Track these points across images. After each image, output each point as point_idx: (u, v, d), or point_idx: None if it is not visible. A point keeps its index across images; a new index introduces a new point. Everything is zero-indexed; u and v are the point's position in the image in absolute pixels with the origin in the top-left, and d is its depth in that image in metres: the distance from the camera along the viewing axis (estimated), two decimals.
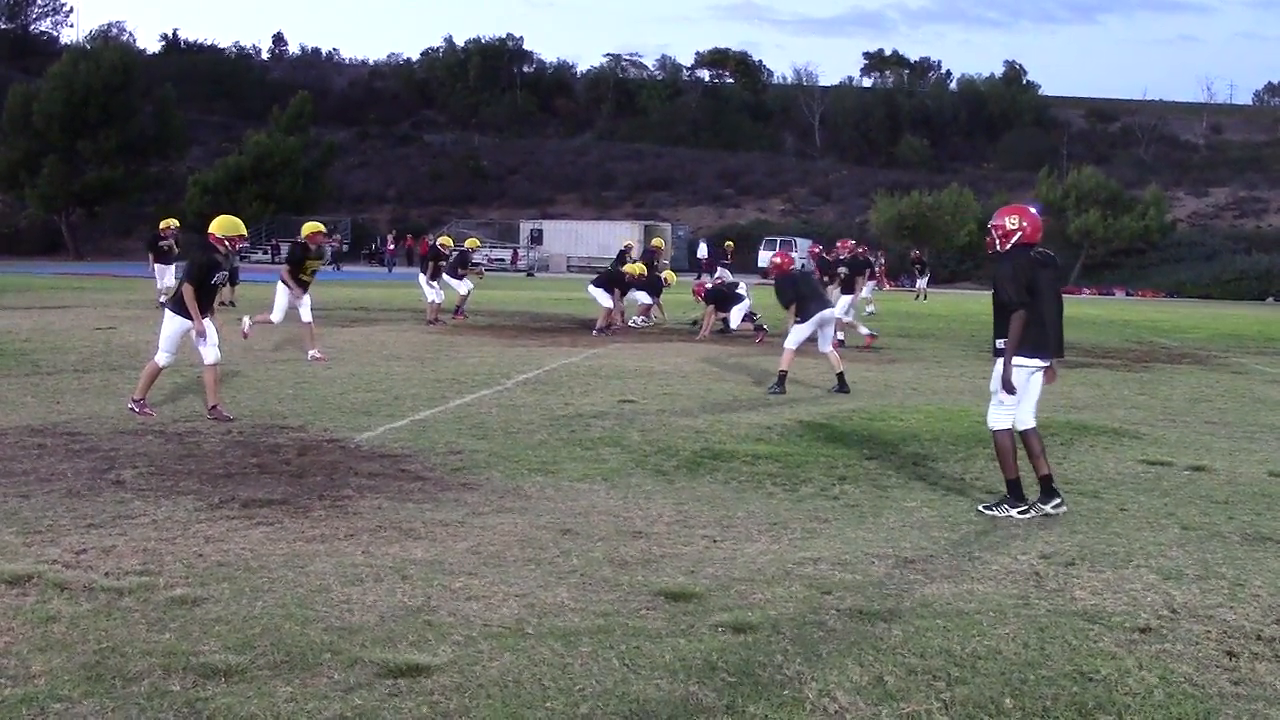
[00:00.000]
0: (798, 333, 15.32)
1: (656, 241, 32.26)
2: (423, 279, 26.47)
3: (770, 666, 5.15)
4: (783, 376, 15.27)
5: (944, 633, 5.65)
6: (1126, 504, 8.90)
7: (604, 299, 24.79)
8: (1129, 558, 7.20)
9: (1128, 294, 69.02)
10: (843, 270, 23.61)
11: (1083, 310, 41.71)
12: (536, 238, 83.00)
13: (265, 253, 75.34)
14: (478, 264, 30.34)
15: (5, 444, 9.90)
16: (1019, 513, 8.40)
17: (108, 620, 5.47)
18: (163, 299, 26.74)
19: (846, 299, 22.63)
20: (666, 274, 28.02)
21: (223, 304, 28.92)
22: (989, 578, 6.66)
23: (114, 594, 5.84)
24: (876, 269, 30.95)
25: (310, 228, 18.30)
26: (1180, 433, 12.70)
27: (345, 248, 75.48)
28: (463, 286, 27.26)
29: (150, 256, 28.45)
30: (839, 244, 25.47)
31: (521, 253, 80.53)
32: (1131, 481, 9.82)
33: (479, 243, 30.18)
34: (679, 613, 5.85)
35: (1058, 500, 8.58)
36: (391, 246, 72.06)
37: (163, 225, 28.83)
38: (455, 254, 27.84)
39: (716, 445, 10.93)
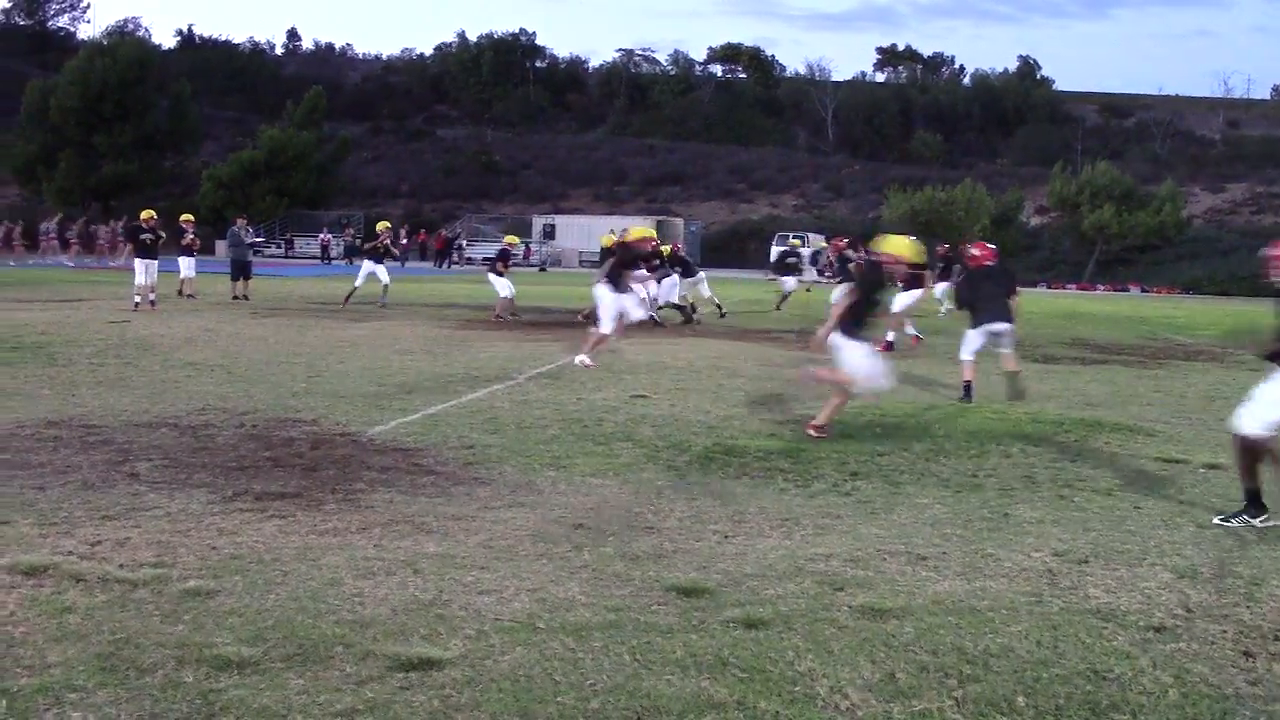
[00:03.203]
0: (970, 341, 14.59)
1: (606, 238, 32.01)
2: (493, 276, 26.72)
3: (782, 663, 5.14)
4: (968, 387, 14.46)
5: (956, 630, 5.64)
6: (1141, 502, 8.88)
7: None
8: (1143, 556, 7.18)
9: (1143, 290, 68.82)
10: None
11: (1097, 307, 41.66)
12: (549, 233, 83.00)
13: (279, 247, 75.48)
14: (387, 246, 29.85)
15: (22, 436, 9.93)
16: (1260, 522, 8.01)
17: (122, 611, 5.48)
18: (138, 299, 25.08)
19: (914, 295, 21.96)
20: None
21: (236, 298, 29.03)
22: (1002, 575, 6.65)
23: (128, 585, 5.86)
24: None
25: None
26: (1195, 430, 12.67)
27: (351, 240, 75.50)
28: (504, 288, 27.04)
29: (129, 248, 26.49)
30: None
31: (534, 248, 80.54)
32: (1146, 479, 9.80)
33: (389, 225, 29.77)
34: (690, 608, 5.85)
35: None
36: (405, 241, 72.03)
37: (144, 215, 27.05)
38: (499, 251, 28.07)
39: (729, 441, 10.92)
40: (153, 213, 27.58)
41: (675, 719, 4.56)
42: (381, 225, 29.99)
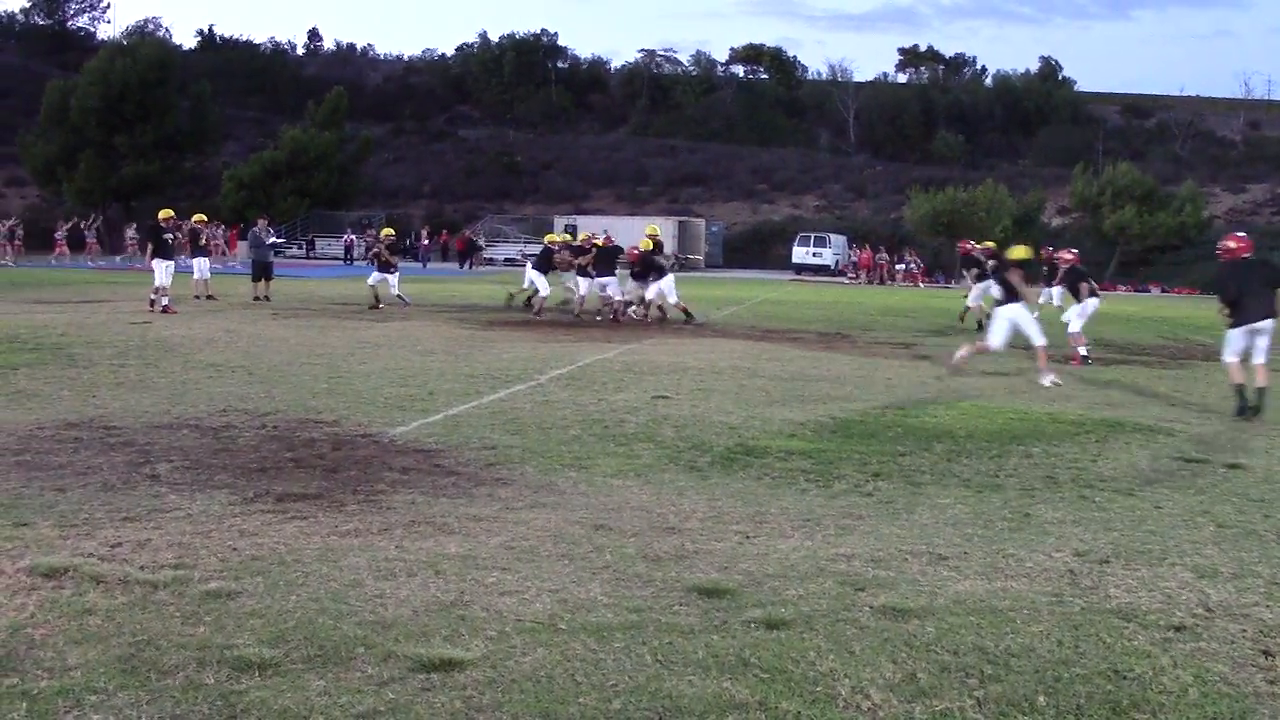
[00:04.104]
0: (1231, 341, 13.97)
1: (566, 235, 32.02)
2: (535, 274, 27.47)
3: (803, 663, 5.14)
4: (1239, 390, 13.66)
5: (977, 630, 5.63)
6: (1162, 502, 8.84)
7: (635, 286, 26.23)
8: (1164, 556, 7.16)
9: (1163, 291, 68.51)
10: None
11: (1118, 307, 41.52)
12: (571, 233, 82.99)
13: (300, 248, 75.62)
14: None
15: (42, 437, 9.98)
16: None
17: (143, 613, 5.50)
18: (152, 298, 24.81)
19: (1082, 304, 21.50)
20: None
21: (257, 299, 29.11)
22: (1023, 575, 6.63)
23: (149, 587, 5.87)
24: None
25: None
26: (1216, 430, 12.62)
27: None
28: (545, 286, 27.43)
29: (149, 248, 25.82)
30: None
31: None
32: (1167, 479, 9.77)
33: (392, 232, 29.57)
34: (712, 609, 5.85)
35: None
36: (426, 242, 72.08)
37: (162, 215, 26.63)
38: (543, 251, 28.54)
39: (750, 441, 10.92)
40: (171, 212, 27.41)
41: (700, 718, 4.56)
42: (385, 232, 29.96)
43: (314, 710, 4.49)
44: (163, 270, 25.09)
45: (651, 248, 26.65)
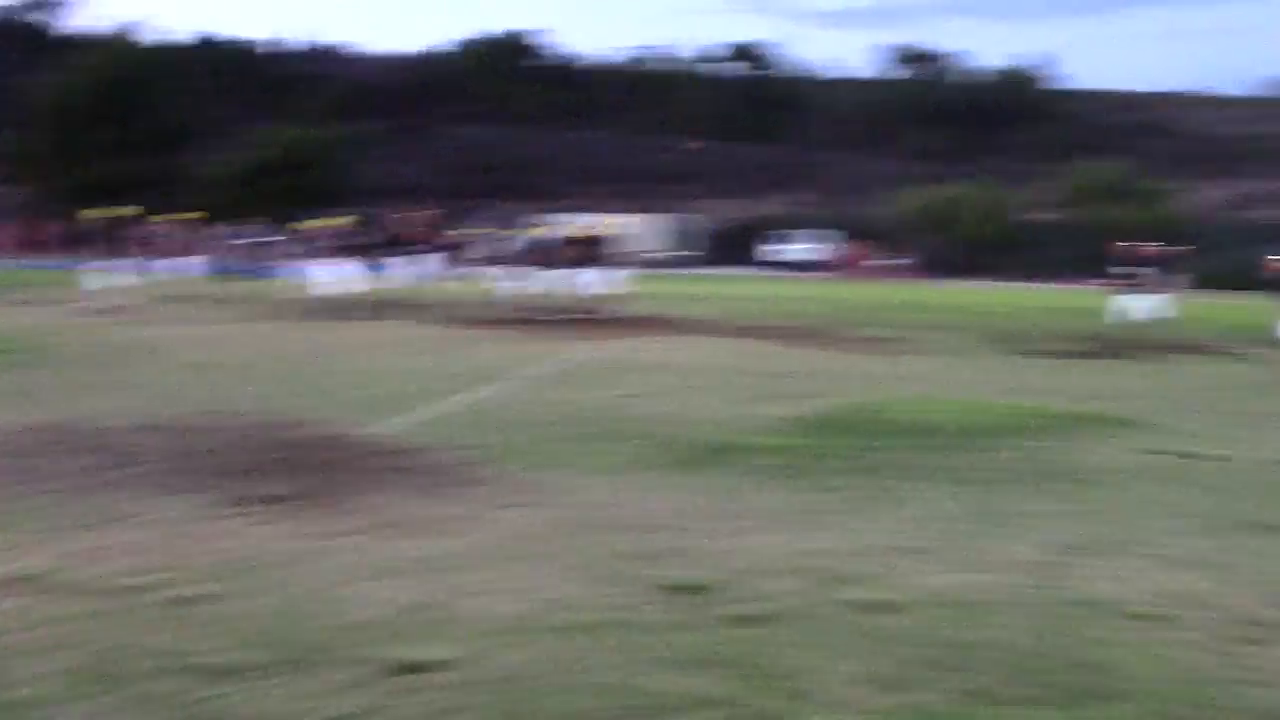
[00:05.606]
0: None
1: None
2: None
3: (776, 658, 5.15)
4: None
5: (953, 623, 5.64)
6: (1143, 494, 8.87)
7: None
8: (1131, 546, 7.18)
9: None
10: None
11: (1101, 301, 41.57)
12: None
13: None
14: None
15: (19, 440, 9.91)
16: None
17: (111, 619, 5.46)
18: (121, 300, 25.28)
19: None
20: None
21: (241, 298, 29.00)
22: (1000, 568, 6.64)
23: (123, 592, 5.83)
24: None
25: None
26: (1198, 424, 12.64)
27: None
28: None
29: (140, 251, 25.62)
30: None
31: None
32: (1134, 470, 9.79)
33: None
34: (686, 606, 5.85)
35: None
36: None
37: (126, 213, 26.70)
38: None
39: (728, 438, 10.91)
40: (138, 209, 27.13)
41: (671, 715, 4.56)
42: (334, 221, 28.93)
43: (283, 715, 4.48)
44: (133, 268, 25.19)
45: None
